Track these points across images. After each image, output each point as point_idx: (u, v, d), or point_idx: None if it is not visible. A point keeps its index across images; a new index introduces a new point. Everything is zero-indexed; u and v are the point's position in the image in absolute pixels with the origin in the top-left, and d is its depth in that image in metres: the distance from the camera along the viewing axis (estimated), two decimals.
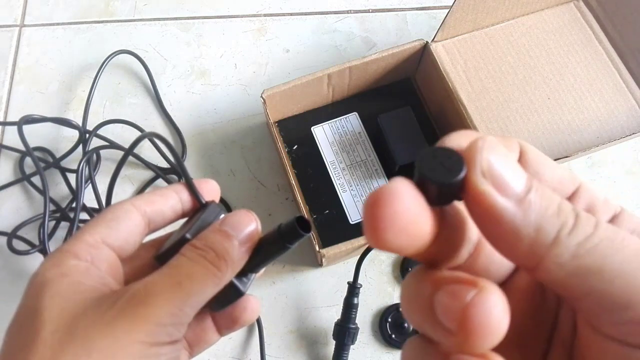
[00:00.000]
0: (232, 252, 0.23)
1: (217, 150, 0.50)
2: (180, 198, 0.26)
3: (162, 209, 0.25)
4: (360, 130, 0.48)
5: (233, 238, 0.23)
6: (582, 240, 0.13)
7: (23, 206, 0.49)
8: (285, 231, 0.23)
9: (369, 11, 0.57)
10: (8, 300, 0.46)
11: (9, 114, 0.53)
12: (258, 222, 0.24)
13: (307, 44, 0.56)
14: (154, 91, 0.53)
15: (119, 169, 0.29)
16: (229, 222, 0.23)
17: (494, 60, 0.47)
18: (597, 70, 0.47)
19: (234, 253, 0.23)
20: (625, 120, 0.45)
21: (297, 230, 0.23)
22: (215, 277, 0.22)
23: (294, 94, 0.45)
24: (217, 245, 0.22)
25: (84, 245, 0.22)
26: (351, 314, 0.41)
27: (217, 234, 0.23)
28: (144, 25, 0.57)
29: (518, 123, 0.45)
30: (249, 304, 0.26)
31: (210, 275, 0.22)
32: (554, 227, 0.13)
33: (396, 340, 0.43)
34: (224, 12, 0.57)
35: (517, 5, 0.47)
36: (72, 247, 0.22)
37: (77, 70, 0.55)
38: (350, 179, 0.47)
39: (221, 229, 0.23)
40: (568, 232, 0.13)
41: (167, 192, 0.25)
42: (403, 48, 0.45)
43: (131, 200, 0.24)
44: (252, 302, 0.27)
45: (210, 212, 0.25)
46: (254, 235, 0.24)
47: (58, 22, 0.57)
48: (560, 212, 0.13)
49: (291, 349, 0.44)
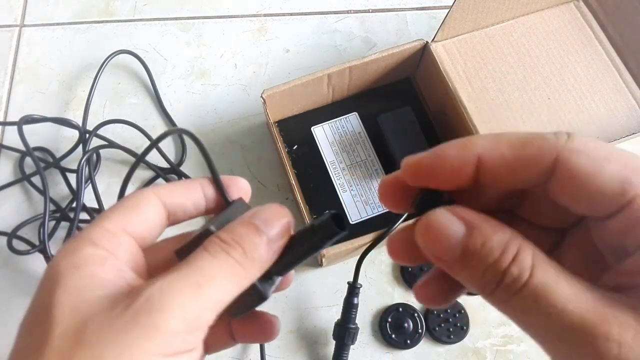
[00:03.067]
0: (262, 249, 0.20)
1: (217, 150, 0.50)
2: (204, 194, 0.24)
3: (184, 202, 0.23)
4: (360, 130, 0.48)
5: (263, 234, 0.21)
6: (501, 301, 0.17)
7: (23, 206, 0.49)
8: (320, 228, 0.21)
9: (369, 11, 0.57)
10: (8, 300, 0.46)
11: (9, 114, 0.53)
12: (291, 218, 0.22)
13: (307, 44, 0.56)
14: (154, 91, 0.53)
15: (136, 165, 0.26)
16: (260, 216, 0.21)
17: (494, 60, 0.47)
18: (597, 70, 0.47)
19: (263, 251, 0.20)
20: (625, 120, 0.45)
21: (333, 227, 0.20)
22: (240, 277, 0.20)
23: (294, 94, 0.45)
24: (245, 240, 0.20)
25: (103, 232, 0.20)
26: (351, 314, 0.41)
27: (246, 227, 0.21)
28: (144, 25, 0.57)
29: (518, 123, 0.45)
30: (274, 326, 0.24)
31: (235, 276, 0.20)
32: (480, 287, 0.18)
33: (396, 340, 0.43)
34: (224, 12, 0.57)
35: (517, 5, 0.47)
36: (90, 234, 0.20)
37: (77, 70, 0.55)
38: (350, 179, 0.47)
39: (251, 222, 0.21)
40: (489, 294, 0.17)
41: (192, 184, 0.24)
42: (403, 48, 0.45)
43: (152, 188, 0.23)
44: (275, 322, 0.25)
45: (237, 208, 0.23)
46: (287, 232, 0.21)
47: (58, 22, 0.57)
48: (484, 277, 0.17)
49: (291, 349, 0.44)
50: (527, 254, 0.17)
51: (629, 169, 0.16)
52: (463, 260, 0.18)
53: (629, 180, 0.16)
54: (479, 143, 0.18)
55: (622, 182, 0.16)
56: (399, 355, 0.44)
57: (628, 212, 0.16)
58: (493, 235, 0.17)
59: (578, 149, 0.17)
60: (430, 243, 0.18)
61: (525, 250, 0.17)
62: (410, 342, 0.43)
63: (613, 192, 0.16)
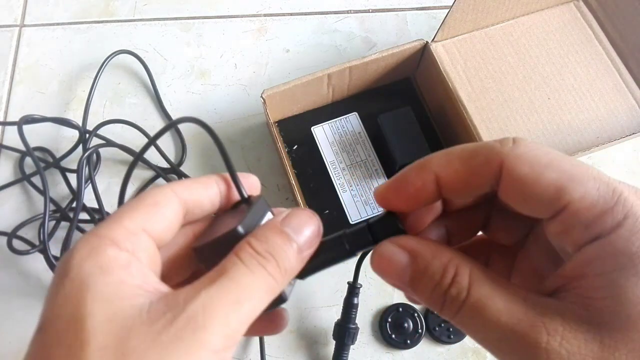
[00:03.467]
0: (293, 261, 0.20)
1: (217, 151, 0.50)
2: (220, 190, 0.23)
3: (201, 200, 0.22)
4: (360, 130, 0.48)
5: (295, 243, 0.20)
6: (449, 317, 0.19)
7: (23, 206, 0.49)
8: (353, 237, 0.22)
9: (369, 11, 0.57)
10: (8, 300, 0.46)
11: (9, 114, 0.53)
12: (321, 224, 0.22)
13: (307, 44, 0.56)
14: (154, 91, 0.53)
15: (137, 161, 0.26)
16: (291, 223, 0.21)
17: (494, 60, 0.47)
18: (597, 70, 0.47)
19: (294, 262, 0.20)
20: (625, 120, 0.45)
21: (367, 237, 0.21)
22: (273, 290, 0.20)
23: (294, 94, 0.45)
24: (278, 251, 0.20)
25: (124, 232, 0.20)
26: (351, 314, 0.41)
27: (279, 237, 0.20)
28: (144, 25, 0.57)
29: (518, 123, 0.45)
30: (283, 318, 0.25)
31: (270, 289, 0.20)
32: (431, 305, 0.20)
33: (396, 340, 0.43)
34: (224, 12, 0.57)
35: (517, 5, 0.47)
36: (111, 233, 0.19)
37: (77, 70, 0.55)
38: (350, 179, 0.47)
39: (283, 230, 0.21)
40: (439, 311, 0.20)
41: (208, 181, 0.23)
42: (403, 48, 0.45)
43: (171, 185, 0.22)
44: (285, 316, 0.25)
45: (259, 207, 0.22)
46: (317, 240, 0.22)
47: (58, 22, 0.57)
48: (432, 297, 0.20)
49: (291, 349, 0.44)
50: (464, 274, 0.19)
51: (565, 176, 0.18)
52: (413, 284, 0.20)
53: (563, 187, 0.18)
54: (434, 162, 0.20)
55: (557, 188, 0.18)
56: (399, 355, 0.44)
57: (563, 216, 0.18)
58: (433, 259, 0.20)
59: (521, 156, 0.18)
60: (382, 272, 0.21)
61: (462, 271, 0.19)
62: (410, 342, 0.43)
63: (549, 197, 0.18)
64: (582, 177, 0.18)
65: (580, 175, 0.18)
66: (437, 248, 0.20)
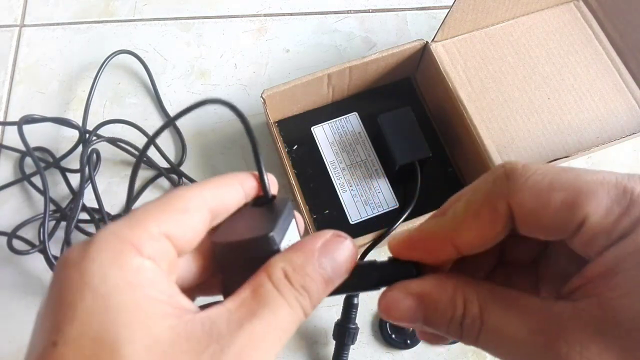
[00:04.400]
0: (324, 296, 0.20)
1: (217, 150, 0.50)
2: (245, 191, 0.22)
3: (228, 204, 0.21)
4: (360, 130, 0.48)
5: (330, 281, 0.20)
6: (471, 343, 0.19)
7: (23, 206, 0.49)
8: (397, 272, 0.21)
9: (369, 11, 0.57)
10: (8, 300, 0.46)
11: (9, 114, 0.53)
12: (357, 255, 0.22)
13: (307, 44, 0.56)
14: (154, 91, 0.53)
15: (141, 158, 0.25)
16: (330, 255, 0.20)
17: (494, 60, 0.47)
18: (597, 70, 0.47)
19: (324, 297, 0.20)
20: (625, 120, 0.45)
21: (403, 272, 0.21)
22: (301, 323, 0.20)
23: (294, 94, 0.45)
24: (313, 289, 0.19)
25: (147, 236, 0.18)
26: (351, 314, 0.41)
27: (317, 274, 0.19)
28: (144, 25, 0.57)
29: (518, 123, 0.45)
30: None
31: (300, 320, 0.19)
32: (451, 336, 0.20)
33: (396, 340, 0.43)
34: (224, 12, 0.57)
35: (517, 5, 0.47)
36: (133, 237, 0.17)
37: (77, 70, 0.55)
38: (350, 179, 0.47)
39: (322, 267, 0.19)
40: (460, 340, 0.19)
41: (233, 183, 0.22)
42: (403, 48, 0.45)
43: (200, 190, 0.20)
44: None
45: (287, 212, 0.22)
46: (350, 272, 0.21)
47: (58, 22, 0.57)
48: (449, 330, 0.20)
49: (291, 349, 0.44)
50: (473, 302, 0.19)
51: (573, 192, 0.17)
52: (428, 323, 0.20)
53: (574, 203, 0.17)
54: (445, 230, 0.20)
55: (569, 206, 0.17)
56: (399, 355, 0.44)
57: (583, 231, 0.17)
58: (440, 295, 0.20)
59: (521, 190, 0.18)
60: (394, 319, 0.21)
61: (471, 299, 0.19)
62: (410, 342, 0.43)
63: (564, 218, 0.17)
64: (590, 186, 0.17)
65: (587, 185, 0.17)
66: (440, 282, 0.20)
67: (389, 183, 0.46)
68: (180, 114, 0.22)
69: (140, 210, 0.19)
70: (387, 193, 0.46)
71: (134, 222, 0.18)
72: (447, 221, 0.20)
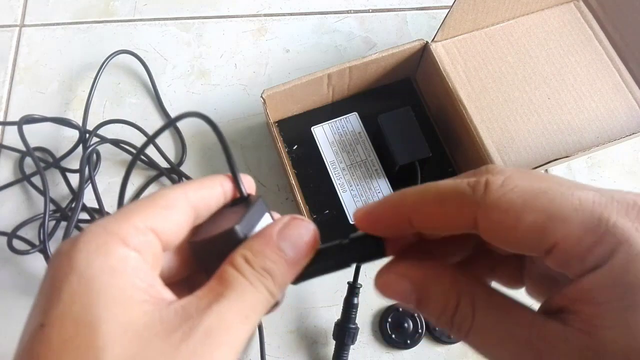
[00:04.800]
0: (288, 276, 0.21)
1: (217, 150, 0.50)
2: (224, 191, 0.23)
3: (209, 203, 0.22)
4: (360, 130, 0.48)
5: (291, 260, 0.21)
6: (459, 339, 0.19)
7: (23, 206, 0.49)
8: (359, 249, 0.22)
9: (369, 11, 0.57)
10: (8, 300, 0.46)
11: (9, 114, 0.53)
12: (318, 236, 0.22)
13: (307, 44, 0.56)
14: (154, 91, 0.53)
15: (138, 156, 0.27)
16: (289, 237, 0.21)
17: (494, 60, 0.47)
18: (597, 70, 0.47)
19: (289, 277, 0.21)
20: (625, 120, 0.45)
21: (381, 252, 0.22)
22: (270, 302, 0.20)
23: (294, 94, 0.45)
24: (274, 269, 0.20)
25: (133, 230, 0.19)
26: (351, 314, 0.41)
27: (275, 254, 0.20)
28: (144, 25, 0.57)
29: (518, 123, 0.45)
30: None
31: (268, 304, 0.20)
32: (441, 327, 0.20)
33: (396, 340, 0.43)
34: (224, 12, 0.57)
35: (517, 5, 0.47)
36: (120, 230, 0.19)
37: (77, 70, 0.55)
38: (350, 179, 0.47)
39: (279, 247, 0.21)
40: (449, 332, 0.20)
41: (214, 184, 0.23)
42: (403, 48, 0.45)
43: (183, 188, 0.21)
44: None
45: (258, 207, 0.23)
46: (312, 252, 0.22)
47: (58, 22, 0.57)
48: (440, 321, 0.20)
49: (291, 349, 0.44)
50: (467, 301, 0.19)
51: (544, 216, 0.17)
52: (419, 308, 0.20)
53: (544, 228, 0.17)
54: (407, 201, 0.20)
55: (538, 230, 0.17)
56: (399, 355, 0.44)
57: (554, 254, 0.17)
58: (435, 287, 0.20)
59: (493, 204, 0.18)
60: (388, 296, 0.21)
61: (465, 298, 0.19)
62: (410, 342, 0.43)
63: (533, 240, 0.17)
64: (562, 212, 0.17)
65: (560, 211, 0.17)
66: (438, 274, 0.20)
67: (389, 183, 0.46)
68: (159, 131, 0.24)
69: (128, 207, 0.20)
70: (387, 193, 0.46)
71: (121, 216, 0.19)
72: (411, 194, 0.20)
